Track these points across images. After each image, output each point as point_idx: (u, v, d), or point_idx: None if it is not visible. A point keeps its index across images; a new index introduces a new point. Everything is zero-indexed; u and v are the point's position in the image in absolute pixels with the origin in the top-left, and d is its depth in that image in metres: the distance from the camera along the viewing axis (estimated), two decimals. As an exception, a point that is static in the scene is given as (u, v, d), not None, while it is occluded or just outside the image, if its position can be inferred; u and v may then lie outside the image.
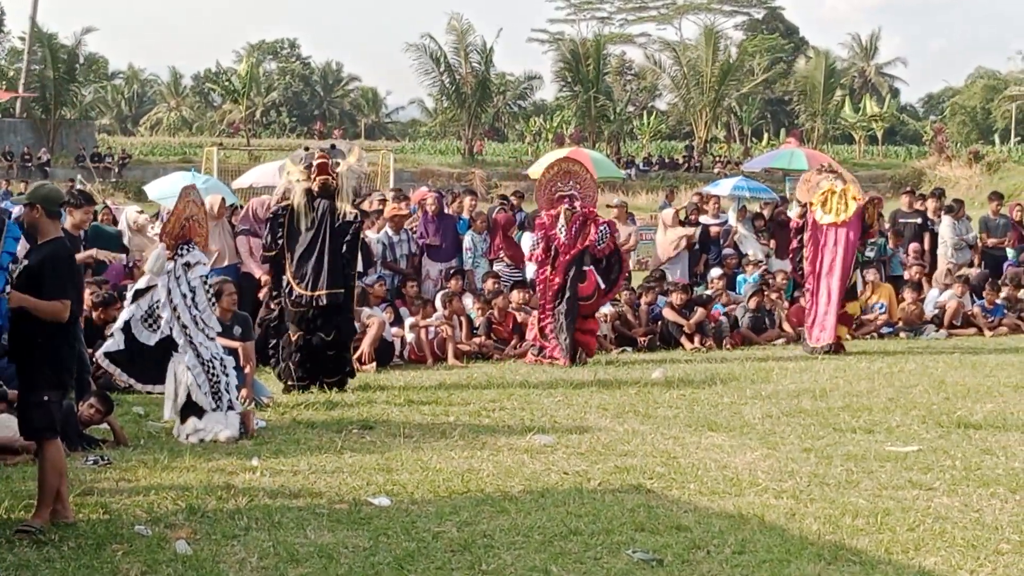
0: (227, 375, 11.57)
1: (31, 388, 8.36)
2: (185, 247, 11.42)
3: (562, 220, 16.70)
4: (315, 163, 13.93)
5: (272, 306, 14.97)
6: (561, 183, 17.14)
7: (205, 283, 11.52)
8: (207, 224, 12.10)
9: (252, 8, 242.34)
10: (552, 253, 16.75)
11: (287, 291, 14.07)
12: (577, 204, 16.84)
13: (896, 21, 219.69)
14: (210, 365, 11.39)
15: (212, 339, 11.56)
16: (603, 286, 17.07)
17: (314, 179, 13.92)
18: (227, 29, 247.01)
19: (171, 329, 11.27)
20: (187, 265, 11.38)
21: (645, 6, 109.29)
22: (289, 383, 14.05)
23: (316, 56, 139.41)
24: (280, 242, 14.10)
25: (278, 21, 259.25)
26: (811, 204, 18.14)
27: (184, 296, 11.31)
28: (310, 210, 13.96)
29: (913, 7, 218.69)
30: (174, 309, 11.27)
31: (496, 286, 17.93)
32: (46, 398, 8.29)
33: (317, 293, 13.85)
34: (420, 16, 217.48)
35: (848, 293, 18.10)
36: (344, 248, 13.99)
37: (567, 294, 16.61)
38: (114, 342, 11.33)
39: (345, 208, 14.03)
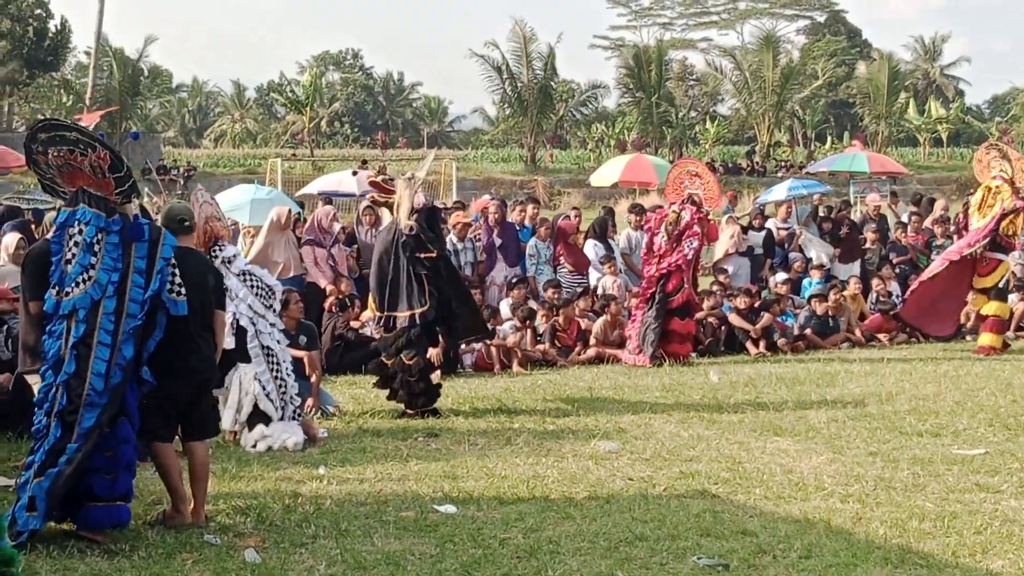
0: (285, 362, 11.72)
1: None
2: (216, 247, 11.46)
3: (664, 226, 17.22)
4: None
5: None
6: (688, 182, 17.86)
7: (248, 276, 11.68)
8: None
9: (310, 19, 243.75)
10: (657, 254, 17.35)
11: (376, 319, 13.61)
12: (686, 210, 17.28)
13: (958, 22, 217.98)
14: (271, 359, 11.50)
15: (273, 324, 11.71)
16: (687, 285, 17.21)
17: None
18: (287, 41, 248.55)
19: (239, 319, 11.42)
20: (227, 262, 11.42)
21: (707, 11, 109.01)
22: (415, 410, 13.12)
23: (378, 66, 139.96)
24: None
25: (337, 31, 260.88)
26: (968, 203, 18.58)
27: (240, 288, 11.48)
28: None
29: (977, 7, 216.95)
30: (241, 299, 11.43)
31: (557, 294, 17.90)
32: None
33: (396, 314, 13.03)
34: (479, 27, 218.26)
35: (998, 293, 18.23)
36: (408, 265, 12.96)
37: (656, 301, 17.11)
38: None
39: (404, 222, 13.00)
